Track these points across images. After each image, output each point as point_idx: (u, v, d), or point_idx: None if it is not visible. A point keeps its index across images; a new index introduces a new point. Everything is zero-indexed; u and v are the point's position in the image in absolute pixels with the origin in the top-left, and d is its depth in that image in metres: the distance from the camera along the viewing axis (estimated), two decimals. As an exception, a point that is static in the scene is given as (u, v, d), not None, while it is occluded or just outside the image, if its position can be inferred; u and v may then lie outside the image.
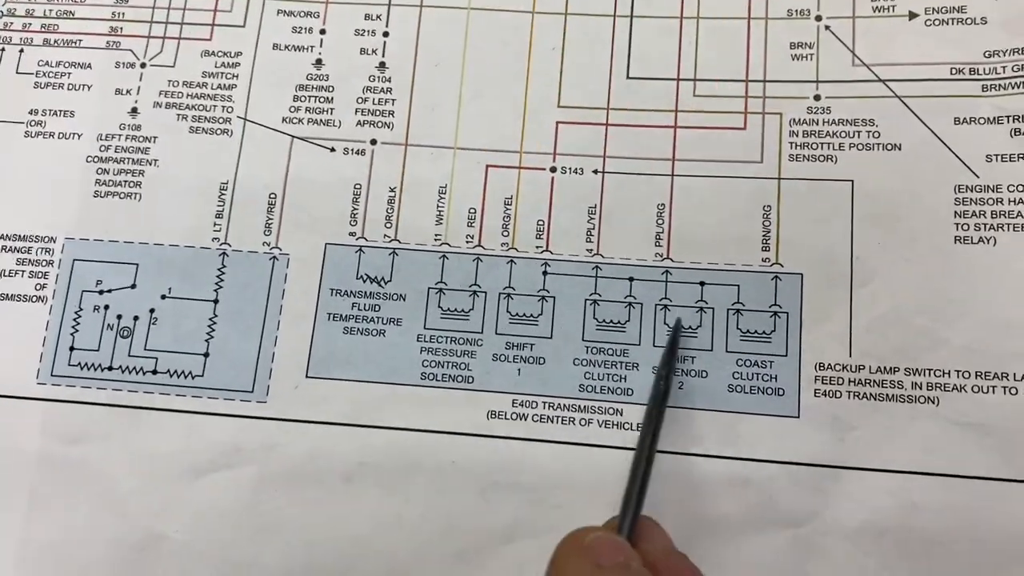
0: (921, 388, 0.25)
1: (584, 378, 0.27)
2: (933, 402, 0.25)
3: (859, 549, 0.25)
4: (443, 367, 0.27)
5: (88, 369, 0.28)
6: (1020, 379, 0.25)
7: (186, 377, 0.27)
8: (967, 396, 0.25)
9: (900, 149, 0.27)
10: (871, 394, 0.26)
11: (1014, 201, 0.26)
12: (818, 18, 0.28)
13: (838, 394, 0.26)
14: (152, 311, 0.28)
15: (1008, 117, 0.27)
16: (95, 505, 0.26)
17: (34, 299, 0.28)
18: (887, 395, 0.25)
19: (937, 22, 0.28)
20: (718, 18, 0.29)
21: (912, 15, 0.28)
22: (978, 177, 0.26)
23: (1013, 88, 0.27)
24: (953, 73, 0.27)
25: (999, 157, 0.26)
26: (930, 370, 0.25)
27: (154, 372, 0.27)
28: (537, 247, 0.28)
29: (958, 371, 0.25)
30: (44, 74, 0.30)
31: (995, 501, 0.24)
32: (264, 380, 0.27)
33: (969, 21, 0.27)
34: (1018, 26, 0.27)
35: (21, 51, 0.30)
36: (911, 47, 0.28)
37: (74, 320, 0.28)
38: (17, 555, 0.26)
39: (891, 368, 0.26)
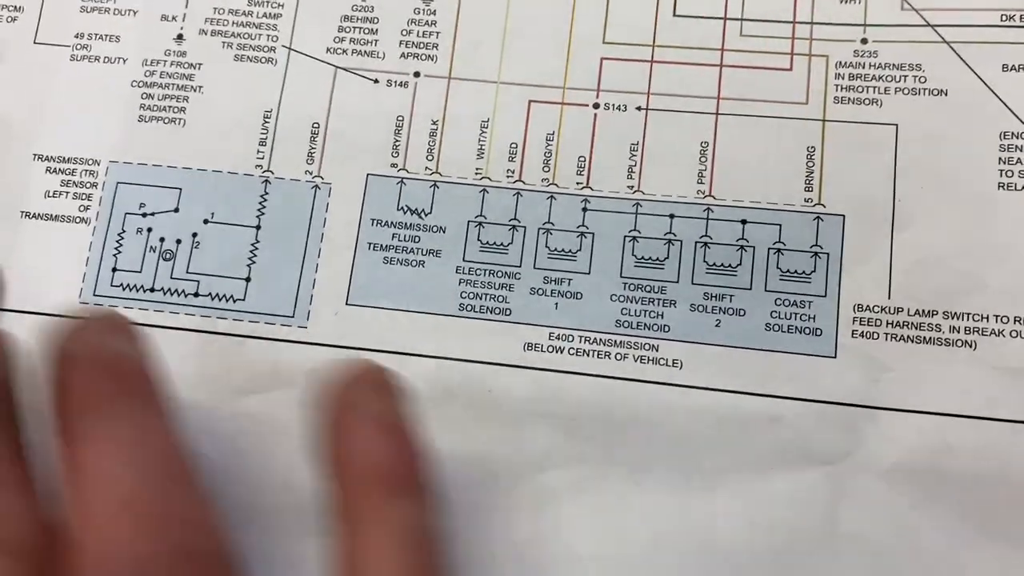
0: (959, 332, 0.25)
1: (621, 314, 0.27)
2: (970, 346, 0.25)
3: (892, 488, 0.25)
4: (481, 299, 0.27)
5: (130, 290, 0.28)
6: (1059, 325, 0.25)
7: (228, 300, 0.28)
8: (1005, 341, 0.25)
9: (946, 95, 0.27)
10: (908, 336, 0.26)
11: (1060, 148, 0.26)
12: (868, -39, 0.28)
13: (876, 335, 0.26)
14: (195, 235, 0.28)
15: (1058, 64, 0.26)
16: (136, 422, 0.27)
17: (77, 220, 0.28)
18: (924, 338, 0.26)
19: (989, -33, 0.27)
20: (767, -41, 0.29)
21: (964, -41, 0.28)
22: (1024, 124, 0.26)
23: (1064, 35, 0.27)
24: (1003, 20, 0.27)
25: (1047, 104, 0.26)
26: (968, 314, 0.26)
27: (196, 295, 0.28)
28: (578, 183, 0.28)
29: (996, 316, 0.25)
30: (90, -2, 0.30)
31: (1029, 444, 0.25)
32: (305, 306, 0.27)
33: (1022, -34, 0.27)
34: (1072, -28, 0.27)
35: (66, -25, 0.30)
36: (962, -8, 0.27)
37: (117, 242, 0.28)
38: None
39: (929, 311, 0.26)
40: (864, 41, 0.28)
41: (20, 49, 0.30)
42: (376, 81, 0.29)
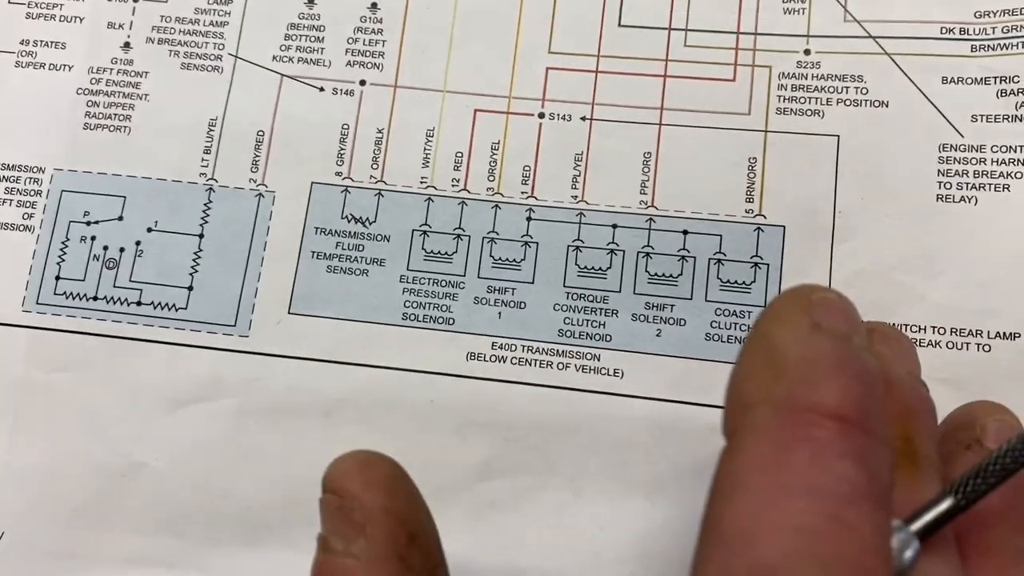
0: (896, 343, 0.26)
1: (564, 323, 0.27)
2: (907, 356, 0.26)
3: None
4: (425, 308, 0.27)
5: (73, 298, 0.28)
6: (993, 337, 0.25)
7: (170, 309, 0.28)
8: (942, 352, 0.25)
9: (887, 106, 0.27)
10: (847, 347, 0.26)
11: (997, 161, 0.26)
12: (812, -27, 0.28)
13: (814, 346, 0.26)
14: (138, 243, 0.28)
15: (995, 78, 0.27)
16: (77, 431, 0.27)
17: (21, 228, 0.28)
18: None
19: (930, -20, 0.28)
20: (712, -30, 0.29)
21: (905, -28, 0.28)
22: (963, 137, 0.26)
23: (1001, 49, 0.27)
24: (943, 32, 0.27)
25: (984, 117, 0.26)
26: (907, 325, 0.26)
27: (138, 303, 0.28)
28: (523, 192, 0.28)
29: (934, 327, 0.26)
30: (36, 4, 0.30)
31: (963, 454, 0.25)
32: (247, 314, 0.27)
33: (962, -20, 0.27)
34: (1010, -14, 0.27)
35: (13, -19, 0.30)
36: (903, 5, 0.28)
37: (61, 250, 0.28)
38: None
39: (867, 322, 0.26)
40: (807, 52, 0.28)
41: (-35, 55, 0.30)
42: (322, 89, 0.29)
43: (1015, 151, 0.26)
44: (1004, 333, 0.25)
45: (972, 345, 0.25)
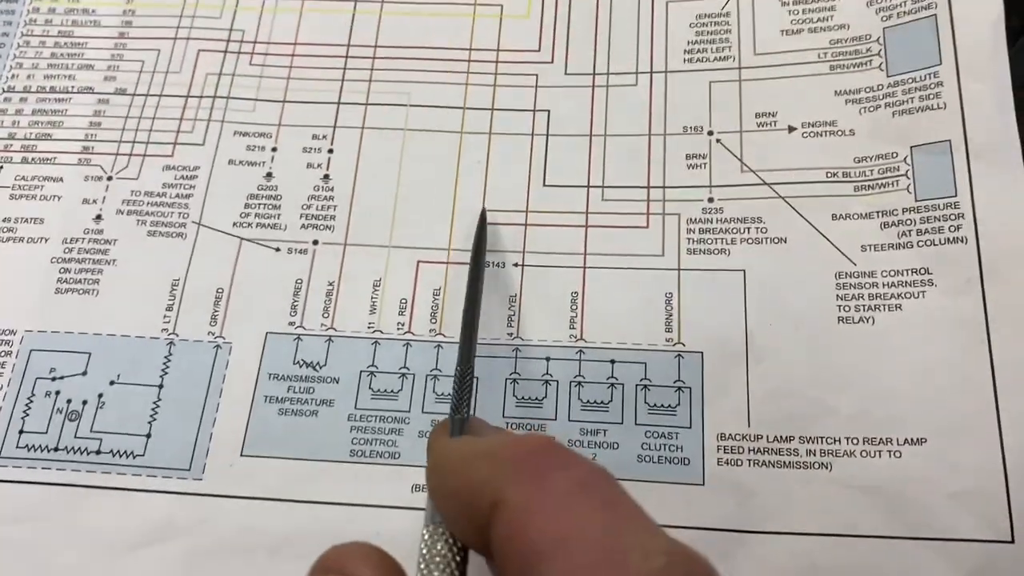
0: (815, 455, 0.27)
1: (504, 452, 0.28)
2: (826, 467, 0.27)
3: (764, 610, 0.26)
4: (371, 444, 0.29)
5: (35, 451, 0.29)
6: (903, 443, 0.27)
7: (127, 456, 0.29)
8: (857, 460, 0.27)
9: (786, 242, 0.30)
10: (769, 461, 0.27)
11: (887, 284, 0.29)
12: (710, 133, 0.32)
13: (739, 462, 0.27)
14: (100, 396, 0.30)
15: (878, 212, 0.30)
16: (29, 581, 0.27)
17: (-11, 387, 0.30)
18: (784, 462, 0.27)
19: (812, 134, 0.31)
20: (623, 135, 0.33)
21: (791, 128, 0.32)
22: (855, 264, 0.29)
23: (880, 188, 0.30)
24: (828, 176, 0.31)
25: (872, 247, 0.30)
26: (822, 438, 0.27)
27: (97, 452, 0.29)
28: (462, 333, 0.30)
29: (847, 438, 0.27)
30: (20, 187, 0.33)
31: (888, 558, 0.26)
32: (201, 458, 0.29)
33: (840, 132, 0.31)
34: (881, 135, 0.31)
35: (1, 168, 0.34)
36: (791, 155, 0.31)
37: (26, 405, 0.30)
38: (-54, 633, 0.27)
39: (787, 437, 0.28)
40: (711, 200, 0.31)
41: (-51, 233, 0.32)
42: (278, 249, 0.32)
43: (902, 274, 0.29)
44: (912, 439, 0.27)
45: (884, 452, 0.27)
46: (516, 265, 0.31)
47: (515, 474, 0.18)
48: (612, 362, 0.29)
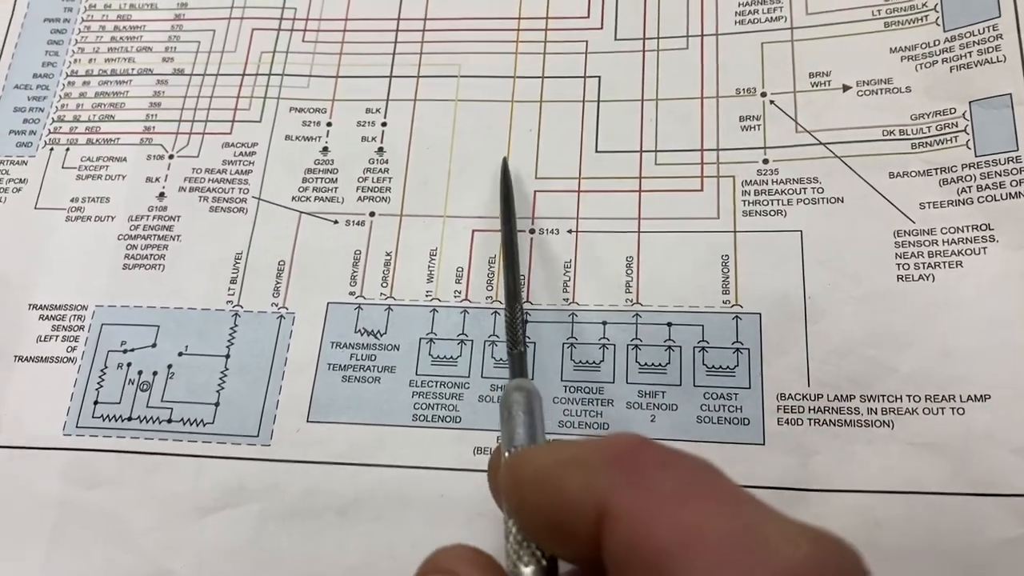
0: (876, 413, 0.27)
1: (563, 415, 0.29)
2: (888, 425, 0.27)
3: (827, 566, 0.26)
4: (433, 409, 0.29)
5: (109, 420, 0.30)
6: (965, 400, 0.27)
7: (197, 424, 0.30)
8: (919, 418, 0.27)
9: (843, 202, 0.30)
10: (830, 420, 0.27)
11: (947, 242, 0.29)
12: (763, 94, 0.32)
13: (800, 422, 0.28)
14: (170, 367, 0.31)
15: (936, 169, 0.30)
16: (109, 544, 0.28)
17: (64, 360, 0.31)
18: (845, 420, 0.27)
19: (867, 92, 0.31)
20: (675, 99, 0.33)
21: (845, 87, 0.31)
22: (914, 223, 0.29)
23: (938, 144, 0.30)
24: (885, 135, 0.31)
25: (931, 204, 0.29)
26: (883, 396, 0.27)
27: (169, 421, 0.30)
28: (519, 300, 0.30)
29: (909, 395, 0.27)
30: (85, 168, 0.34)
31: (952, 515, 0.26)
32: (269, 425, 0.29)
33: (895, 90, 0.31)
34: (937, 92, 0.30)
35: (67, 150, 0.35)
36: (846, 114, 0.31)
37: (99, 377, 0.31)
38: (34, 593, 0.28)
39: (847, 396, 0.28)
40: (766, 161, 0.31)
41: (21, 214, 0.34)
42: (336, 222, 0.32)
43: (962, 231, 0.29)
44: (975, 396, 0.27)
45: (947, 410, 0.27)
46: (570, 232, 0.31)
47: (616, 480, 0.17)
48: (669, 325, 0.29)
